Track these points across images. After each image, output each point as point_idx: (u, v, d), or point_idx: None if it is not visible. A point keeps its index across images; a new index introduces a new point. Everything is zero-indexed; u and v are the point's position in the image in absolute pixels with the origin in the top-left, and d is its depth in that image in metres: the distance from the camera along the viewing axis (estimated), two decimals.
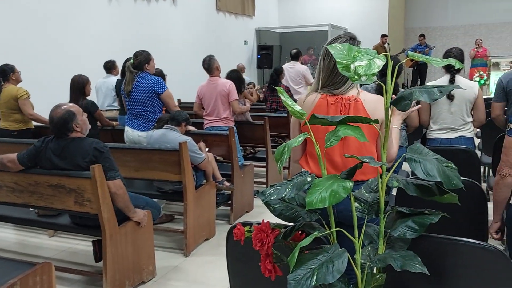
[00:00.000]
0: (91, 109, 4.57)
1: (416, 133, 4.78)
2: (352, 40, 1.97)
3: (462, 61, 3.61)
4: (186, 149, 3.58)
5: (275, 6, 13.63)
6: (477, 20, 12.59)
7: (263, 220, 1.48)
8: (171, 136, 3.88)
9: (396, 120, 2.11)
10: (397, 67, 1.42)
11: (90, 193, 2.84)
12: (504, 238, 2.19)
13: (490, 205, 3.57)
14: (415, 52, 11.27)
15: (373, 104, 1.95)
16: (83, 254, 3.75)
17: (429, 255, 1.48)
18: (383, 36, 11.47)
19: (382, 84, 1.35)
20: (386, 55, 1.34)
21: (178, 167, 3.60)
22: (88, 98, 4.75)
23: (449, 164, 1.39)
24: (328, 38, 11.77)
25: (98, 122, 4.81)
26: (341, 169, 1.84)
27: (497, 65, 11.18)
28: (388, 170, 1.47)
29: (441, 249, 1.51)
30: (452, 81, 3.44)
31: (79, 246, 3.92)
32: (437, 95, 1.27)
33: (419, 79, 11.68)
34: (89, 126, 3.13)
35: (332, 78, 1.96)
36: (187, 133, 4.22)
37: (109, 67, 6.26)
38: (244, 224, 1.58)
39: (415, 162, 1.37)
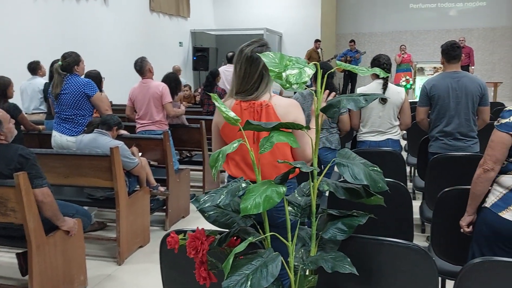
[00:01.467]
0: (13, 113, 4.30)
1: (347, 136, 4.98)
2: (262, 46, 2.02)
3: (390, 67, 3.81)
4: (117, 154, 3.47)
5: (210, 8, 13.61)
6: (403, 27, 13.33)
7: (197, 227, 1.47)
8: (102, 140, 3.75)
9: (314, 121, 2.18)
10: (326, 74, 1.48)
11: (14, 202, 2.68)
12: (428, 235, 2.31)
13: (415, 204, 3.79)
14: (346, 57, 11.77)
15: (284, 108, 2.00)
16: (8, 267, 3.53)
17: (358, 255, 1.55)
18: (316, 41, 11.82)
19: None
20: (316, 64, 1.38)
21: (109, 173, 3.48)
22: (13, 100, 4.48)
23: (375, 168, 1.46)
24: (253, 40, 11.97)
25: (22, 126, 4.54)
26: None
27: (421, 70, 11.88)
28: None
29: (369, 249, 1.58)
30: (385, 86, 3.62)
31: (3, 259, 3.68)
32: (363, 103, 1.33)
33: (350, 83, 12.15)
34: (15, 133, 2.95)
35: (244, 85, 2.01)
36: (119, 137, 4.09)
37: (34, 68, 5.92)
38: (178, 231, 1.56)
39: (343, 166, 1.43)
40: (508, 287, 1.51)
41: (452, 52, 3.49)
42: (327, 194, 2.86)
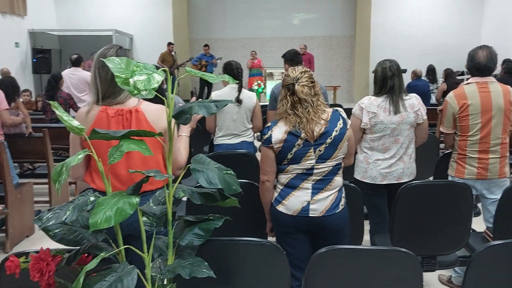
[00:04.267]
0: None
1: (204, 139, 5.05)
2: (120, 49, 2.00)
3: (242, 72, 3.95)
4: None
5: (52, 7, 12.54)
6: (252, 34, 13.97)
7: (41, 247, 1.34)
8: None
9: (185, 128, 2.18)
10: (176, 82, 1.47)
11: None
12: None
13: None
14: (201, 61, 11.89)
15: (155, 114, 1.95)
16: None
17: (216, 257, 1.58)
18: (169, 44, 11.71)
19: None
20: (165, 70, 1.36)
21: None
22: None
23: (229, 171, 1.50)
24: (113, 43, 11.44)
25: None
26: (127, 183, 1.80)
27: (271, 75, 12.60)
28: (176, 179, 1.49)
29: (226, 251, 1.62)
30: (240, 90, 3.76)
31: None
32: (214, 110, 1.36)
33: (206, 87, 12.30)
34: None
35: (113, 88, 1.91)
36: None
37: None
38: (19, 254, 1.41)
39: (198, 172, 1.44)
40: (349, 270, 1.68)
41: (296, 59, 3.77)
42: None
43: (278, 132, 2.17)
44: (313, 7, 14.02)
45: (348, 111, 2.54)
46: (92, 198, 1.33)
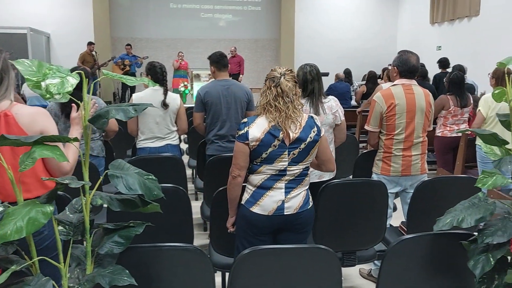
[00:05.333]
0: None
1: (127, 143, 4.90)
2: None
3: (166, 74, 3.88)
4: None
5: None
6: (177, 35, 13.78)
7: None
8: None
9: (75, 130, 2.12)
10: (92, 84, 1.42)
11: None
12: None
13: (198, 204, 3.97)
14: (124, 61, 11.53)
15: (28, 118, 1.83)
16: None
17: (138, 265, 1.54)
18: (90, 43, 11.24)
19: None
20: (80, 73, 1.32)
21: None
22: None
23: (150, 176, 1.48)
24: (27, 42, 10.76)
25: None
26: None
27: (198, 76, 12.52)
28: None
29: (149, 257, 1.59)
30: (166, 92, 3.69)
31: None
32: (132, 113, 1.33)
33: (129, 88, 11.96)
34: None
35: None
36: None
37: None
38: None
39: (117, 178, 1.40)
40: (272, 269, 1.72)
41: (222, 62, 3.79)
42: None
43: (257, 130, 2.18)
44: (239, 10, 14.14)
45: None
46: (0, 209, 1.25)
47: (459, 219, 1.67)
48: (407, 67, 3.08)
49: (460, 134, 4.81)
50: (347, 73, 9.51)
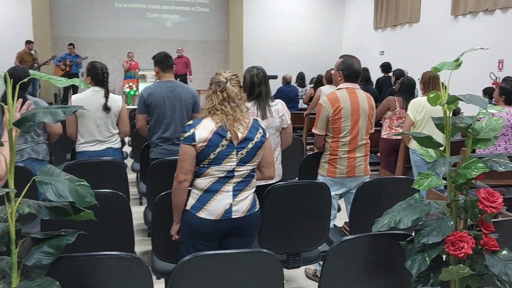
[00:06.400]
0: None
1: (66, 146, 4.69)
2: None
3: (108, 75, 3.73)
4: None
5: None
6: (123, 35, 13.40)
7: None
8: None
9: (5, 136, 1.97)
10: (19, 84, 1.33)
11: None
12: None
13: (137, 209, 3.84)
14: (65, 61, 11.08)
15: None
16: None
17: (71, 275, 1.46)
18: (28, 42, 10.70)
19: None
20: (4, 73, 1.23)
21: None
22: None
23: (82, 183, 1.40)
24: None
25: None
26: None
27: (144, 77, 12.25)
28: None
29: (82, 267, 1.51)
30: (107, 95, 3.55)
31: None
32: (61, 116, 1.26)
33: (71, 89, 11.50)
34: None
35: None
36: None
37: None
38: None
39: (45, 184, 1.32)
40: (214, 275, 1.69)
41: (167, 62, 3.71)
42: None
43: (203, 131, 2.14)
44: (186, 11, 14.00)
45: None
46: None
47: (397, 220, 1.71)
48: (352, 71, 3.15)
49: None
50: (301, 76, 9.64)
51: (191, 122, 2.23)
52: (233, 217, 2.21)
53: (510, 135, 4.32)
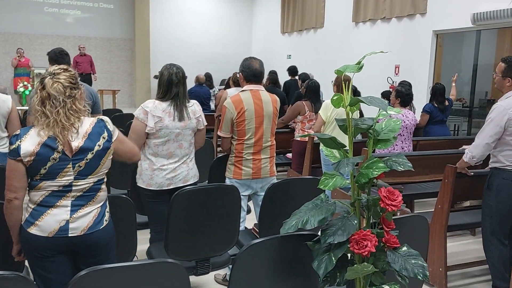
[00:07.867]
0: None
1: None
2: None
3: None
4: None
5: None
6: (17, 30, 12.36)
7: None
8: None
9: None
10: None
11: None
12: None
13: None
14: None
15: None
16: None
17: None
18: None
19: None
20: None
21: None
22: None
23: None
24: None
25: None
26: None
27: (40, 75, 11.40)
28: None
29: None
30: None
31: None
32: None
33: None
34: None
35: None
36: None
37: None
38: None
39: None
40: None
41: (61, 59, 3.48)
42: None
43: (30, 143, 1.85)
44: (89, 6, 13.29)
45: (130, 116, 2.39)
46: None
47: (304, 220, 1.71)
48: (250, 71, 3.15)
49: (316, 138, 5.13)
50: (208, 76, 9.56)
51: (18, 131, 1.92)
52: (69, 235, 1.92)
53: (406, 135, 4.64)
